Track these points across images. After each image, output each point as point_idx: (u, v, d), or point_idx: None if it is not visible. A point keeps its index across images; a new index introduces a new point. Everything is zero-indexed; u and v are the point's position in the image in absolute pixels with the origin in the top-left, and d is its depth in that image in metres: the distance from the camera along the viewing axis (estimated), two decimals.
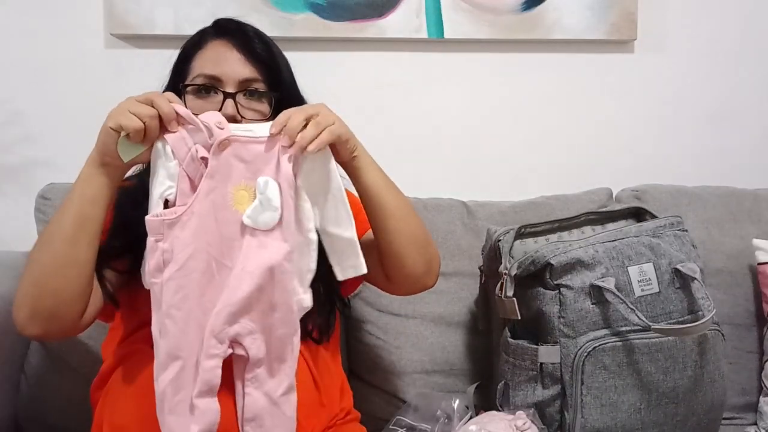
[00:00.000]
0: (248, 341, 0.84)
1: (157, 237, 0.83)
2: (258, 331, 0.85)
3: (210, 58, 1.00)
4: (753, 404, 1.31)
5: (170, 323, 0.82)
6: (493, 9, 1.48)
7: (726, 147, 1.60)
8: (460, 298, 1.33)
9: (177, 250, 0.83)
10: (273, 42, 1.05)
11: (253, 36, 1.02)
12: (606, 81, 1.57)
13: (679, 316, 1.07)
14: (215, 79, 0.98)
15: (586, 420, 1.03)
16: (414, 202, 1.39)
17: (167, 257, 0.83)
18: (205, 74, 0.99)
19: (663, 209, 1.29)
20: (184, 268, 0.83)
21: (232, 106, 0.97)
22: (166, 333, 0.82)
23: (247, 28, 1.04)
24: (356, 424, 1.06)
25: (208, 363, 0.82)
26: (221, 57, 1.00)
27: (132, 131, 0.82)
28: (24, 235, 1.41)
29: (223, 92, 0.97)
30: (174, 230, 0.83)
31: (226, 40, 1.01)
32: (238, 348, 0.84)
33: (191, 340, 0.82)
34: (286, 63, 1.06)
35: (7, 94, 1.46)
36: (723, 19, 1.57)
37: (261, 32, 1.05)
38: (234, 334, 0.83)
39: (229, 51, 1.00)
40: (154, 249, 0.83)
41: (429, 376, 1.30)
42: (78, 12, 1.45)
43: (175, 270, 0.83)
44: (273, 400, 0.85)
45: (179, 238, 0.83)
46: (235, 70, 0.99)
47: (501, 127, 1.56)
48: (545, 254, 1.06)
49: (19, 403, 1.25)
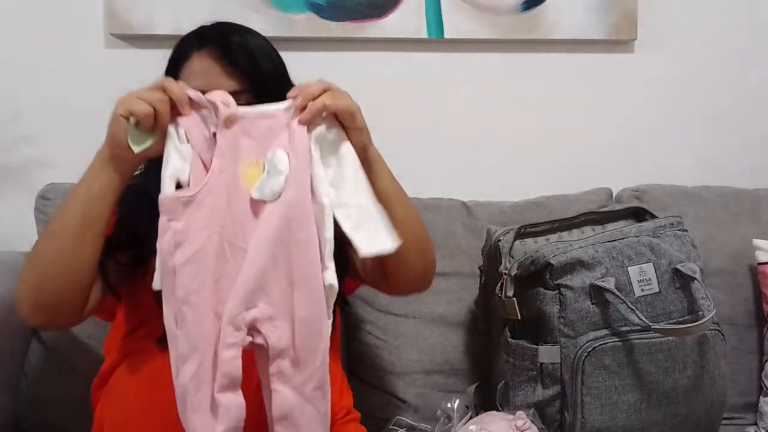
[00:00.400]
0: (267, 328, 0.78)
1: (170, 216, 0.79)
2: (278, 317, 0.79)
3: (195, 72, 0.97)
4: (753, 404, 1.31)
5: (188, 311, 0.77)
6: (493, 9, 1.48)
7: (726, 147, 1.60)
8: (460, 298, 1.33)
9: (192, 232, 0.79)
10: (261, 46, 1.00)
11: (236, 47, 0.97)
12: (606, 81, 1.57)
13: (679, 316, 1.07)
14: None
15: (586, 420, 1.03)
16: (414, 202, 1.39)
17: (180, 238, 0.78)
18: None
19: (663, 209, 1.29)
20: (202, 251, 0.78)
21: None
22: (184, 322, 0.77)
23: (231, 37, 0.98)
24: (356, 424, 1.06)
25: (227, 353, 0.76)
26: (205, 71, 0.96)
27: (142, 116, 0.79)
28: (24, 235, 1.41)
29: None
30: (189, 209, 0.79)
31: (209, 51, 0.97)
32: (257, 336, 0.79)
33: (209, 330, 0.77)
34: (274, 68, 1.00)
35: (7, 94, 1.46)
36: (723, 19, 1.57)
37: (246, 39, 0.99)
38: (251, 319, 0.78)
39: (212, 64, 0.96)
40: (166, 229, 0.78)
41: (429, 376, 1.30)
42: (78, 12, 1.45)
43: (192, 252, 0.78)
44: (305, 396, 0.79)
45: (195, 217, 0.79)
46: (219, 84, 0.94)
47: (501, 127, 1.56)
48: (545, 254, 1.06)
49: (19, 403, 1.25)
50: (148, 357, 0.92)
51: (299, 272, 0.79)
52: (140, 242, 0.92)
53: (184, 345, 0.77)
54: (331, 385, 0.99)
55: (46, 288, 0.86)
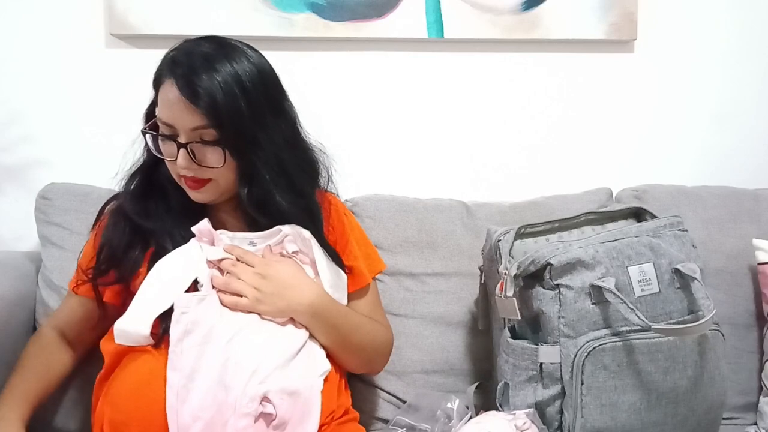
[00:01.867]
0: (278, 400, 0.90)
1: (183, 310, 0.93)
2: (286, 392, 0.91)
3: (164, 102, 0.98)
4: (753, 404, 1.31)
5: (193, 387, 0.89)
6: (493, 9, 1.48)
7: (726, 147, 1.60)
8: (460, 298, 1.33)
9: (202, 322, 0.93)
10: (226, 84, 0.95)
11: (198, 88, 0.94)
12: (606, 81, 1.57)
13: (679, 316, 1.07)
14: (170, 127, 0.98)
15: (586, 420, 1.03)
16: (414, 202, 1.39)
17: (190, 328, 0.92)
18: (162, 120, 0.99)
19: (663, 209, 1.29)
20: (208, 336, 0.92)
21: (184, 157, 0.97)
22: (186, 399, 0.88)
23: (196, 74, 0.94)
24: (355, 424, 1.06)
25: (241, 422, 0.88)
26: (172, 102, 0.96)
27: None
28: (24, 235, 1.42)
29: (176, 142, 0.97)
30: (201, 306, 0.94)
31: (174, 81, 0.95)
32: (267, 406, 0.90)
33: (213, 401, 0.89)
34: (236, 108, 0.95)
35: (7, 94, 1.46)
36: (723, 19, 1.57)
37: (212, 76, 0.94)
38: (264, 392, 0.89)
39: (176, 97, 0.95)
40: (179, 320, 0.93)
41: (429, 376, 1.30)
42: (78, 12, 1.45)
43: (200, 338, 0.92)
44: None
45: (205, 312, 0.94)
46: (184, 119, 0.96)
47: (501, 127, 1.56)
48: (545, 254, 1.06)
49: None
50: (143, 357, 0.93)
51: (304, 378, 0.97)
52: (119, 263, 1.04)
53: (187, 417, 0.88)
54: (330, 383, 1.00)
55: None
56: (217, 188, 1.02)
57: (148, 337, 0.93)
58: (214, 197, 1.03)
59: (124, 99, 1.38)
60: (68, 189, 1.32)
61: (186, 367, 0.89)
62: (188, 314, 0.93)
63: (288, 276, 1.00)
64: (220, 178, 1.00)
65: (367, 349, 1.10)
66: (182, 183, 1.02)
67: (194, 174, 0.99)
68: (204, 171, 0.99)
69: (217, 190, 1.02)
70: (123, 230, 1.04)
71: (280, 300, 0.98)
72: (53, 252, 1.28)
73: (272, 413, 0.89)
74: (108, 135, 1.44)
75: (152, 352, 0.93)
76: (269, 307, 0.97)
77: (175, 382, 0.88)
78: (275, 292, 0.98)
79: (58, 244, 1.28)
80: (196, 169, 0.98)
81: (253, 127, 0.97)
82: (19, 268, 1.30)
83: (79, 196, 1.30)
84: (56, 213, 1.29)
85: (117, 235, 1.04)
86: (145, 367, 0.92)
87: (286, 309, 0.98)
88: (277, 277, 0.99)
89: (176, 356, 0.90)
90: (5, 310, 1.19)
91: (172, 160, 0.99)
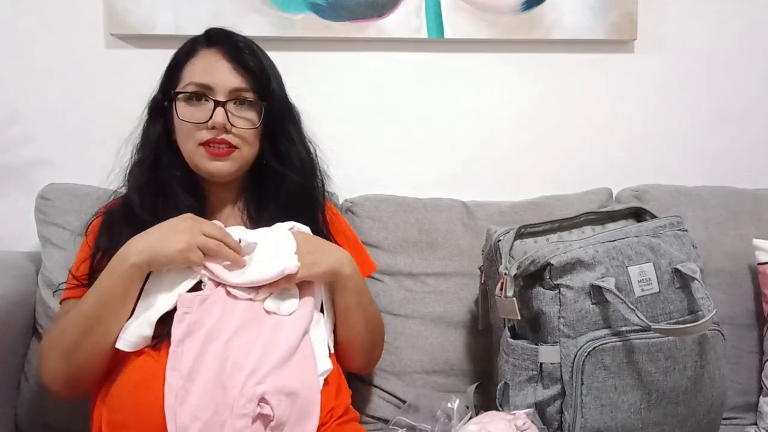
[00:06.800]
0: (275, 401, 0.89)
1: (186, 310, 0.93)
2: (284, 393, 0.91)
3: (201, 67, 1.04)
4: (753, 404, 1.31)
5: (192, 387, 0.88)
6: (493, 9, 1.48)
7: (726, 147, 1.60)
8: (460, 298, 1.33)
9: (204, 322, 0.93)
10: (263, 53, 1.09)
11: (243, 47, 1.06)
12: (606, 81, 1.57)
13: (679, 316, 1.07)
14: (206, 88, 1.03)
15: (586, 420, 1.03)
16: (414, 202, 1.40)
17: (192, 328, 0.92)
18: (196, 82, 1.03)
19: (663, 209, 1.29)
20: (208, 336, 0.92)
21: (222, 115, 1.02)
22: (185, 399, 0.87)
23: (238, 38, 1.07)
24: (355, 423, 1.06)
25: (238, 423, 0.87)
26: (212, 66, 1.03)
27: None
28: (24, 235, 1.42)
29: (213, 100, 1.02)
30: (203, 306, 0.94)
31: (217, 49, 1.05)
32: (265, 407, 0.89)
33: (211, 402, 0.88)
34: (276, 73, 1.10)
35: (7, 94, 1.46)
36: (723, 19, 1.57)
37: (251, 43, 1.08)
38: (262, 392, 0.89)
39: (219, 60, 1.04)
40: (181, 320, 0.92)
41: (429, 376, 1.30)
42: (78, 12, 1.45)
43: (201, 338, 0.91)
44: None
45: (207, 312, 0.94)
46: (226, 80, 1.03)
47: (501, 127, 1.56)
48: (545, 254, 1.06)
49: (19, 403, 1.25)
50: (141, 358, 0.93)
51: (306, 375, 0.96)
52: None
53: (186, 417, 0.87)
54: (330, 383, 1.00)
55: (75, 372, 0.94)
56: (240, 158, 1.06)
57: (148, 338, 0.93)
58: (233, 169, 1.06)
59: (124, 99, 1.38)
60: (68, 189, 1.32)
61: (185, 368, 0.89)
62: (191, 314, 0.93)
63: (314, 239, 1.04)
64: (245, 147, 1.05)
65: (376, 325, 1.13)
66: (200, 158, 1.05)
67: (224, 137, 1.03)
68: (233, 137, 1.04)
69: (239, 160, 1.06)
70: (119, 233, 1.03)
71: (329, 255, 1.01)
72: (53, 252, 1.28)
73: (270, 414, 0.89)
74: (108, 135, 1.43)
75: (150, 354, 0.93)
76: (321, 267, 1.00)
77: (174, 382, 0.88)
78: (318, 250, 1.01)
79: (58, 244, 1.28)
80: (230, 128, 1.03)
81: (282, 98, 1.10)
82: (19, 268, 1.30)
83: (79, 197, 1.31)
84: (56, 213, 1.30)
85: (113, 238, 1.03)
86: (143, 368, 0.92)
87: (336, 263, 1.01)
88: (307, 240, 1.02)
89: (176, 357, 0.90)
90: (5, 310, 1.19)
91: (203, 123, 1.02)
